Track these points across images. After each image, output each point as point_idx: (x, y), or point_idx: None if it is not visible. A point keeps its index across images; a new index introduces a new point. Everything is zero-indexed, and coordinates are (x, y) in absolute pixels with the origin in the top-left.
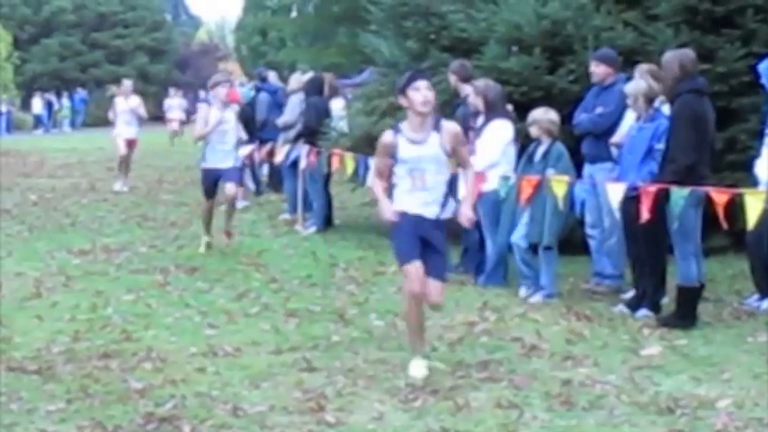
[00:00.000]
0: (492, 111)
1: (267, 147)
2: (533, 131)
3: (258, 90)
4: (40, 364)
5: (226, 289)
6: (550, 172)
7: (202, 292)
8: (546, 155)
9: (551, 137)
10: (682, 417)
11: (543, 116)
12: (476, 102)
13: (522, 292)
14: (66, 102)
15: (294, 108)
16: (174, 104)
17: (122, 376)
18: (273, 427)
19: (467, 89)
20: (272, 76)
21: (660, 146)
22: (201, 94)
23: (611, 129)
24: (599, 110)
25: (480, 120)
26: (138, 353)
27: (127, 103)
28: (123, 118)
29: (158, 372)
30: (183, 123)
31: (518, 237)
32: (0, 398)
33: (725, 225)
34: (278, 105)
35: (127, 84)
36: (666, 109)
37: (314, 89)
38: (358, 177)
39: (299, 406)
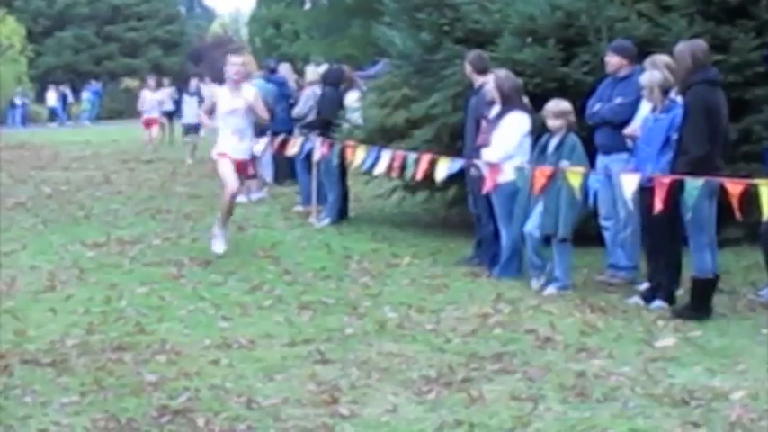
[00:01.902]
0: (508, 102)
1: (275, 139)
2: (553, 123)
3: (266, 82)
4: (54, 356)
5: (239, 281)
6: (565, 163)
7: (216, 285)
8: (560, 146)
9: (568, 128)
10: (696, 408)
11: (554, 107)
12: (493, 92)
13: (534, 283)
14: (85, 94)
15: (308, 100)
16: (155, 100)
17: (136, 369)
18: (287, 419)
19: (481, 80)
20: (285, 69)
21: (676, 135)
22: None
23: (630, 119)
24: (618, 100)
25: (495, 110)
26: (151, 345)
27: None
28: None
29: (172, 364)
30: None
31: (531, 227)
32: (14, 390)
33: (739, 216)
34: (284, 97)
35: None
36: (680, 99)
37: (331, 80)
38: (366, 168)
39: (313, 398)
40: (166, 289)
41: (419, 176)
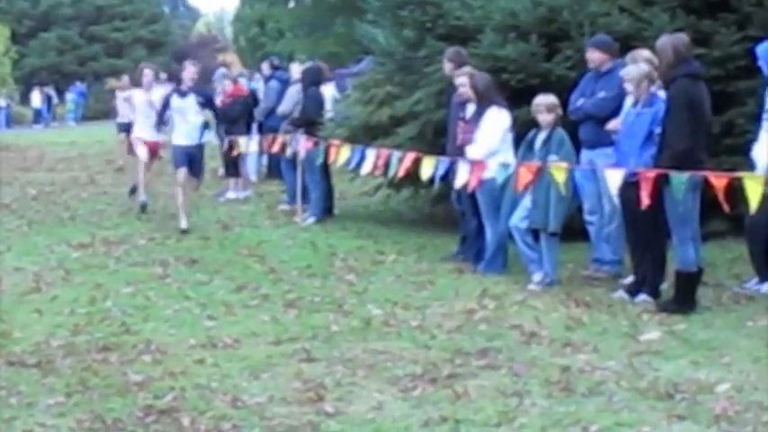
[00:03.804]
0: (485, 99)
1: (270, 136)
2: (545, 117)
3: (268, 78)
4: (39, 357)
5: (225, 280)
6: (553, 158)
7: (201, 284)
8: (548, 140)
9: (556, 123)
10: (681, 402)
11: (546, 101)
12: (466, 91)
13: (536, 277)
14: (70, 95)
15: (292, 97)
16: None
17: (122, 369)
18: (273, 417)
19: (461, 78)
20: (296, 69)
21: (659, 130)
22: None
23: (614, 113)
24: (602, 94)
25: (470, 109)
26: (137, 345)
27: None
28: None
29: (158, 364)
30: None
31: (517, 219)
32: (0, 392)
33: (726, 208)
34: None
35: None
36: (662, 93)
37: (311, 79)
38: (351, 166)
39: (299, 396)
40: (152, 289)
41: (401, 174)
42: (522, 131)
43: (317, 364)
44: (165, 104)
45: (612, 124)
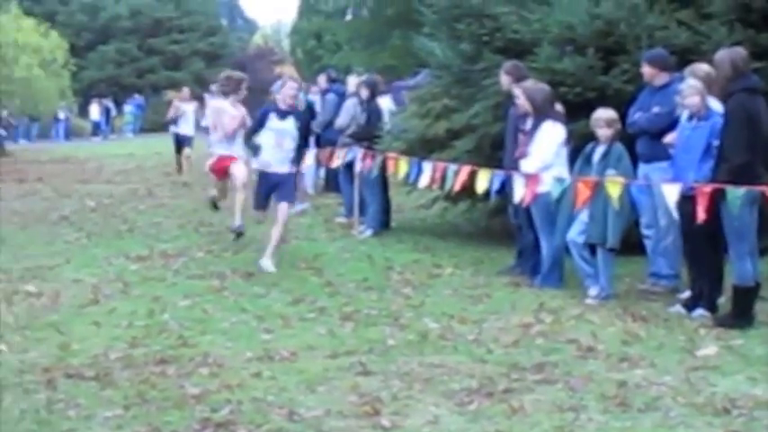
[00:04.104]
0: (541, 113)
1: (328, 149)
2: (604, 132)
3: (326, 91)
4: (97, 370)
5: (282, 293)
6: (611, 173)
7: (258, 297)
8: (606, 155)
9: (614, 137)
10: (738, 417)
11: (606, 116)
12: (524, 104)
13: (592, 292)
14: (128, 107)
15: (348, 110)
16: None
17: (179, 382)
18: (329, 431)
19: (517, 90)
20: (353, 82)
21: (717, 142)
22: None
23: (668, 128)
24: (656, 109)
25: (529, 122)
26: (194, 358)
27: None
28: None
29: (214, 377)
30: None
31: (575, 234)
32: (58, 404)
33: None
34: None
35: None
36: (716, 106)
37: (368, 91)
38: (410, 180)
39: (355, 410)
40: (209, 302)
41: (457, 188)
42: (580, 145)
43: (373, 377)
44: (261, 122)
45: (670, 138)
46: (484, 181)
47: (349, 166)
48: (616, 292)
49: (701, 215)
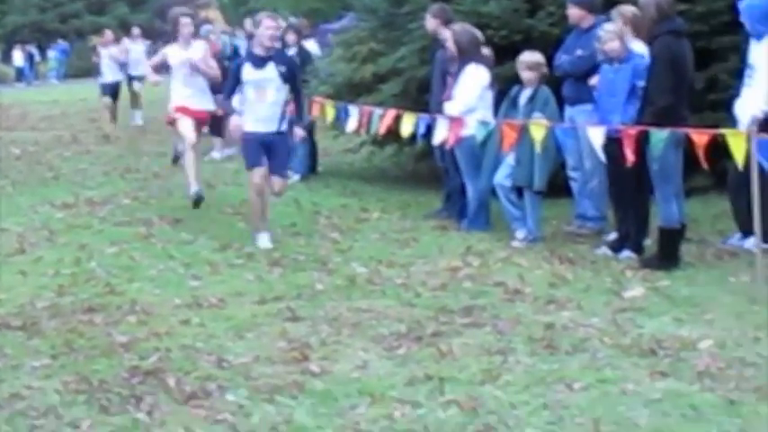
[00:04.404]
0: (466, 56)
1: None
2: (527, 75)
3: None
4: (24, 319)
5: (209, 239)
6: (537, 116)
7: (186, 244)
8: (532, 99)
9: (540, 81)
10: (664, 358)
11: (531, 59)
12: (452, 46)
13: (519, 234)
14: (52, 53)
15: None
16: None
17: (107, 330)
18: (258, 377)
19: (446, 33)
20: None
21: (642, 84)
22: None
23: (592, 70)
24: (579, 52)
25: (456, 65)
26: (122, 306)
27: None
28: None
29: (143, 325)
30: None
31: (501, 177)
32: None
33: (705, 166)
34: None
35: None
36: (638, 47)
37: (294, 35)
38: (339, 124)
39: (284, 356)
40: (136, 249)
41: (382, 131)
42: (506, 88)
43: (301, 323)
44: (236, 77)
45: (594, 80)
46: (409, 125)
47: None
48: (543, 234)
49: (629, 157)
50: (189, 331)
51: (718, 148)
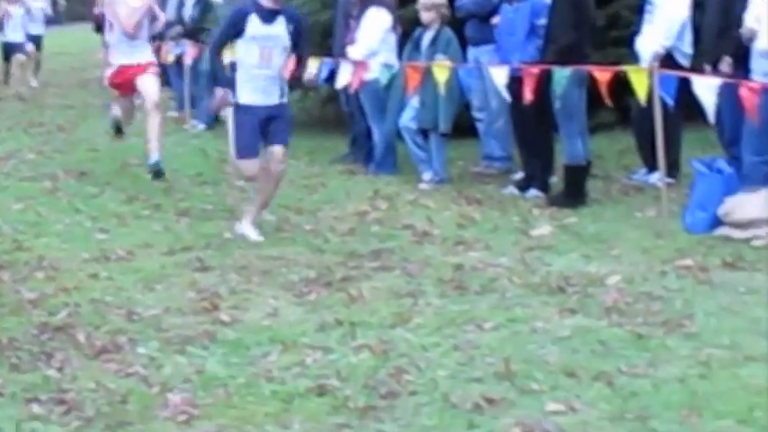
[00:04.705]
0: None
1: (156, 44)
2: (426, 16)
3: None
4: None
5: (116, 192)
6: (440, 57)
7: (92, 197)
8: (435, 41)
9: (442, 22)
10: (573, 295)
11: (430, 0)
12: None
13: (426, 176)
14: None
15: (173, 4)
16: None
17: (15, 287)
18: (168, 329)
19: None
20: None
21: (542, 21)
22: None
23: (495, 10)
24: None
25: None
26: (29, 262)
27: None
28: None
29: (51, 280)
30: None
31: (407, 119)
32: None
33: (609, 103)
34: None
35: None
36: None
37: None
38: None
39: (194, 306)
40: (42, 204)
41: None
42: (409, 31)
43: (210, 272)
44: (237, 28)
45: (497, 19)
46: (312, 69)
47: (178, 60)
48: (450, 175)
49: (528, 96)
50: (98, 285)
51: (621, 85)
